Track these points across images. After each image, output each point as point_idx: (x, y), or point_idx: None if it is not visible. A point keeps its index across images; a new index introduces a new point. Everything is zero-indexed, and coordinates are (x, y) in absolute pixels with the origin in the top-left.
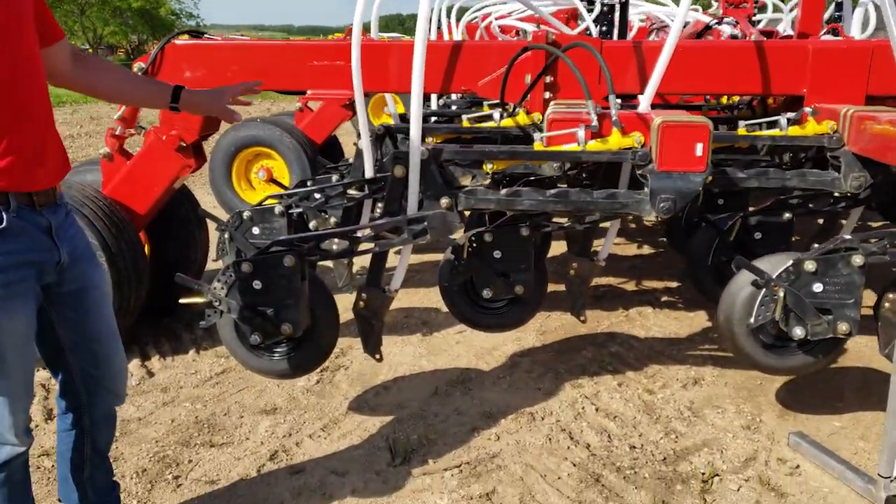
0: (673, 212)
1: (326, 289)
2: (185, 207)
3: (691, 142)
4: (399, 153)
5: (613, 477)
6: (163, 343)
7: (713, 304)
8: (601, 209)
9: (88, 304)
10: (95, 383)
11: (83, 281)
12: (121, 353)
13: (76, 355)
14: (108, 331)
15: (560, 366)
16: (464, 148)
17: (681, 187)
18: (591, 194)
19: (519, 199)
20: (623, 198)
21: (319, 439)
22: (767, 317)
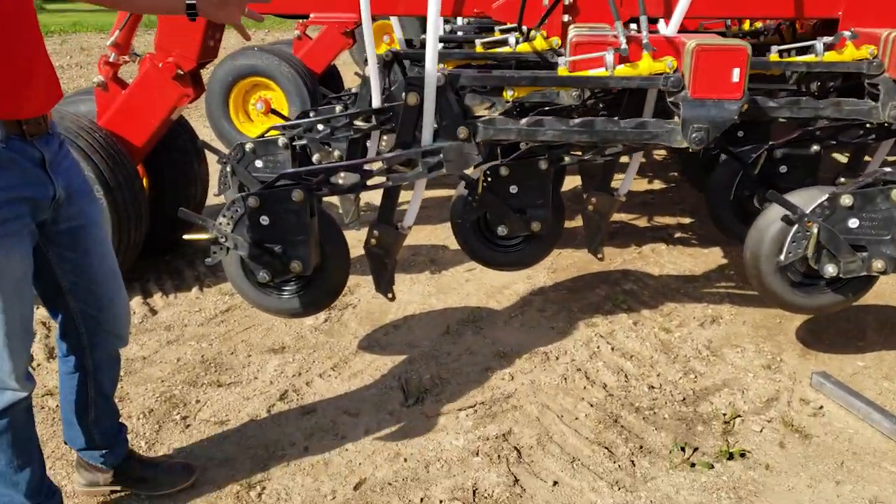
0: (706, 143)
1: (336, 224)
2: (183, 139)
3: (728, 67)
4: (413, 79)
5: (632, 417)
6: (165, 280)
7: (729, 241)
8: (629, 140)
9: (87, 243)
10: (97, 325)
11: (81, 218)
12: (123, 294)
13: (76, 297)
14: (109, 271)
15: (573, 304)
16: (483, 73)
17: (715, 116)
18: (618, 124)
19: (541, 129)
20: (653, 127)
21: (330, 379)
22: (798, 254)
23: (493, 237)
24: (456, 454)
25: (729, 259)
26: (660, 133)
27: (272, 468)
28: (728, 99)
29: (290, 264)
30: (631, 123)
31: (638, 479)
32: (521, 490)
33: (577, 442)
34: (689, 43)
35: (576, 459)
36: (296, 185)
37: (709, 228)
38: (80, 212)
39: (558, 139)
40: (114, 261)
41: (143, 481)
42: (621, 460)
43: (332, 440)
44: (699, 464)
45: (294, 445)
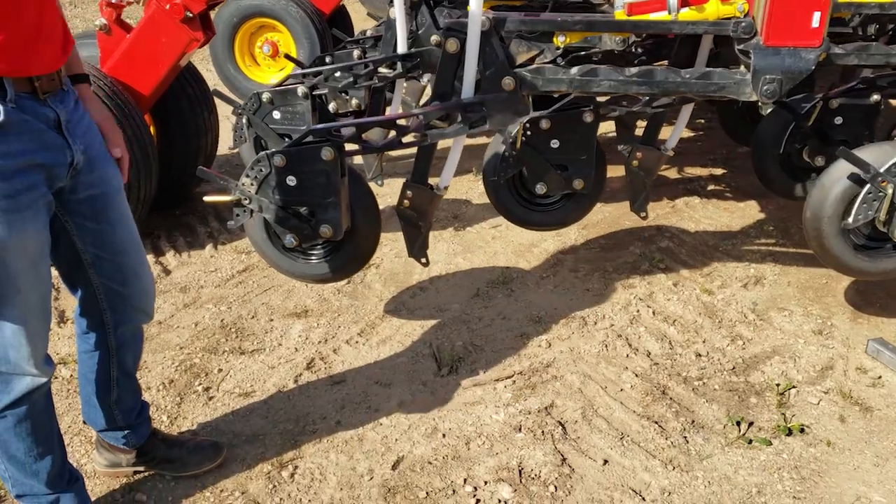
0: (778, 95)
1: (367, 185)
2: (192, 87)
3: (807, 10)
4: (454, 24)
5: (681, 389)
6: (176, 237)
7: (766, 194)
8: (693, 92)
9: (111, 213)
10: (122, 301)
11: (103, 185)
12: (147, 266)
13: (99, 271)
14: (133, 241)
15: (607, 264)
16: (530, 17)
17: (790, 66)
18: (680, 74)
19: (596, 79)
20: (719, 78)
21: (357, 345)
22: (869, 216)
23: (530, 196)
24: (497, 429)
25: (766, 214)
26: (727, 85)
27: (304, 445)
28: (806, 47)
29: (319, 229)
30: (695, 74)
31: (693, 458)
32: (570, 470)
33: (624, 416)
34: None
35: (625, 435)
36: (325, 142)
37: (742, 180)
38: (101, 178)
39: (614, 91)
40: (136, 230)
41: (168, 461)
42: (673, 436)
43: (364, 413)
44: (756, 440)
45: (325, 419)
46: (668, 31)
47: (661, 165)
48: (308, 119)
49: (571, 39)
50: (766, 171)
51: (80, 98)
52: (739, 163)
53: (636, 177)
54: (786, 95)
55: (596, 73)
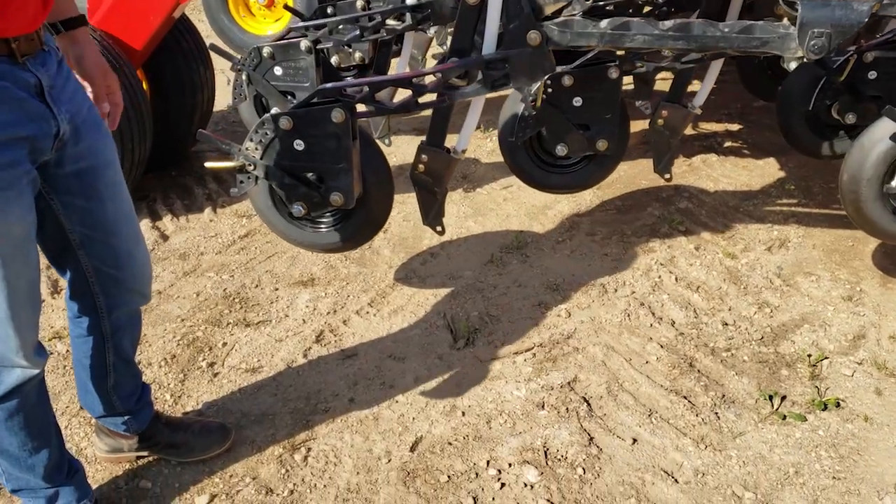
0: (826, 51)
1: (378, 148)
2: (187, 41)
3: None
4: None
5: (709, 361)
6: (173, 200)
7: (784, 151)
8: (733, 47)
9: (101, 189)
10: (116, 284)
11: (92, 157)
12: (142, 244)
13: (90, 252)
14: (126, 219)
15: (625, 227)
16: None
17: (840, 19)
18: (719, 28)
19: (629, 34)
20: (762, 32)
21: (368, 316)
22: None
23: (549, 157)
24: (519, 406)
25: (786, 172)
26: (771, 40)
27: (316, 425)
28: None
29: (329, 196)
30: (735, 28)
31: (725, 435)
32: (598, 450)
33: (651, 391)
34: None
35: (653, 412)
36: (336, 103)
37: (759, 136)
38: (90, 149)
39: (648, 46)
40: (131, 206)
41: (173, 446)
42: (703, 412)
43: (379, 390)
44: (791, 416)
45: (338, 397)
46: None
47: (688, 124)
48: (312, 75)
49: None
50: (791, 129)
51: (76, 44)
52: (756, 117)
53: (661, 136)
54: (834, 51)
55: (628, 26)
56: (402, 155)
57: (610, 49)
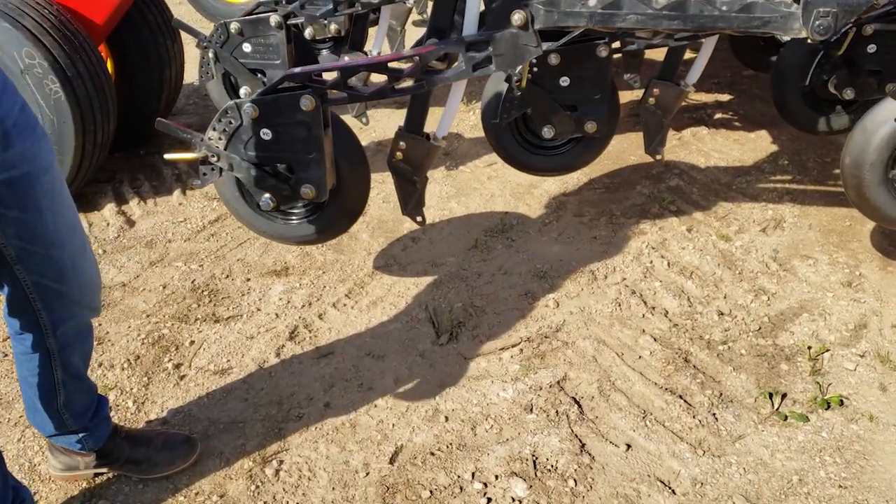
0: (833, 32)
1: (353, 134)
2: (153, 13)
3: None
4: None
5: (705, 355)
6: (141, 182)
7: (776, 123)
8: (732, 27)
9: (38, 197)
10: (60, 299)
11: (26, 164)
12: (88, 254)
13: (28, 267)
14: (68, 227)
15: (614, 206)
16: None
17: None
18: (717, 6)
19: (620, 13)
20: (762, 11)
21: (346, 309)
22: None
23: (535, 139)
24: (506, 410)
25: (779, 145)
26: (772, 19)
27: (289, 434)
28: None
29: (300, 189)
30: (734, 5)
31: (724, 439)
32: (590, 459)
33: (645, 389)
34: None
35: (647, 413)
36: (305, 89)
37: (750, 107)
38: (23, 155)
39: (641, 26)
40: (74, 212)
41: (134, 462)
42: (701, 413)
43: (356, 393)
44: (792, 416)
45: (312, 401)
46: None
47: (680, 103)
48: (283, 52)
49: None
50: (787, 105)
51: None
52: (745, 87)
53: (652, 116)
54: (840, 32)
55: (619, 5)
56: (382, 130)
57: (602, 29)
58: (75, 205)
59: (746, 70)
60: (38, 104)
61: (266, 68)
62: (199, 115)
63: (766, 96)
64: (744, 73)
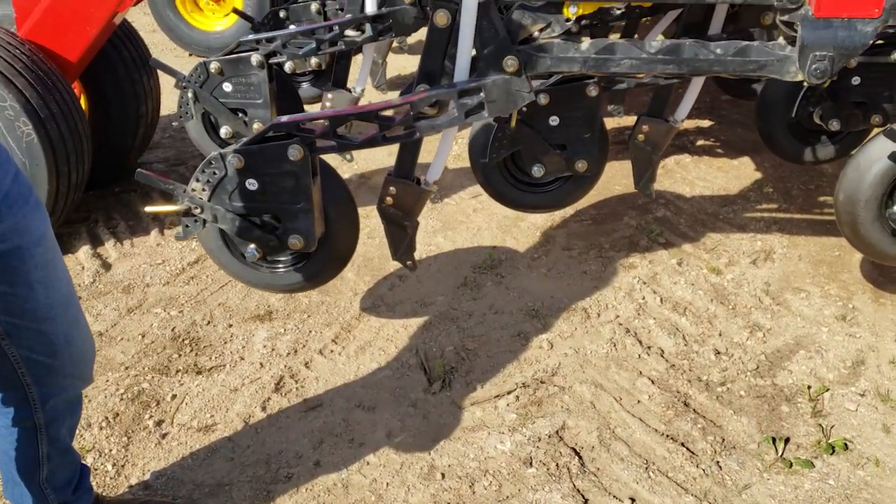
0: (829, 75)
1: (340, 178)
2: (128, 49)
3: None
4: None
5: (704, 398)
6: (116, 221)
7: (758, 149)
8: (728, 71)
9: (29, 272)
10: (51, 372)
11: (17, 237)
12: (81, 325)
13: (18, 342)
14: (61, 301)
15: (602, 239)
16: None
17: (844, 41)
18: (712, 50)
19: (614, 58)
20: (758, 55)
21: (333, 356)
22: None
23: (525, 177)
24: (504, 464)
25: (763, 172)
26: (768, 63)
27: (278, 496)
28: (863, 18)
29: (287, 239)
30: (730, 49)
31: (730, 489)
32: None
33: (646, 437)
34: None
35: (650, 464)
36: (293, 138)
37: (731, 133)
38: (14, 229)
39: (636, 71)
40: (68, 284)
41: None
42: (704, 462)
43: (347, 449)
44: (797, 462)
45: (302, 459)
46: (702, 0)
47: (669, 139)
48: (265, 91)
49: (584, 10)
50: (773, 135)
51: None
52: (725, 112)
53: (641, 152)
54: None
55: (613, 49)
56: (364, 162)
57: (596, 74)
58: None
59: (725, 95)
60: (10, 147)
61: (247, 107)
62: (175, 149)
63: (747, 122)
64: (723, 97)
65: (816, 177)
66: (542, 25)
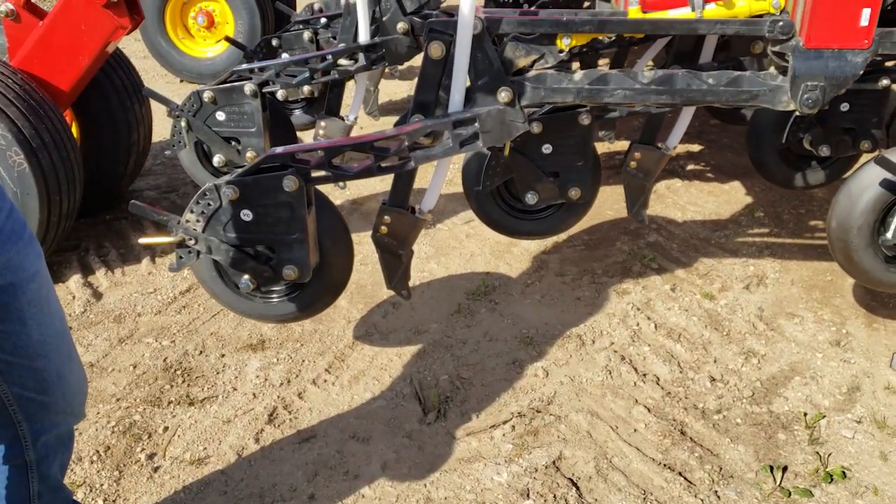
0: (820, 105)
1: (334, 207)
2: (120, 77)
3: (856, 7)
4: (436, 25)
5: (700, 426)
6: (107, 249)
7: (748, 174)
8: (721, 101)
9: (21, 308)
10: (44, 409)
11: (10, 274)
12: (76, 360)
13: (9, 379)
14: (54, 337)
15: (595, 265)
16: (530, 17)
17: (835, 71)
18: (704, 80)
19: (607, 88)
20: (750, 85)
21: (326, 386)
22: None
23: (519, 204)
24: (501, 496)
25: (753, 197)
26: (760, 93)
27: None
28: (853, 49)
29: (282, 270)
30: (722, 80)
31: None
32: None
33: (643, 467)
34: None
35: (648, 493)
36: (288, 169)
37: (720, 157)
38: (7, 265)
39: (629, 101)
40: (62, 320)
41: None
42: (702, 492)
43: (341, 481)
44: (795, 491)
45: (296, 492)
46: (694, 31)
47: (662, 166)
48: (258, 120)
49: (577, 41)
50: (764, 161)
51: None
52: (714, 137)
53: (634, 179)
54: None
55: (606, 80)
56: (356, 188)
57: (590, 104)
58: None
59: (713, 119)
60: (1, 176)
61: (241, 136)
62: (167, 176)
63: (736, 146)
64: (711, 122)
65: (807, 201)
66: (536, 57)
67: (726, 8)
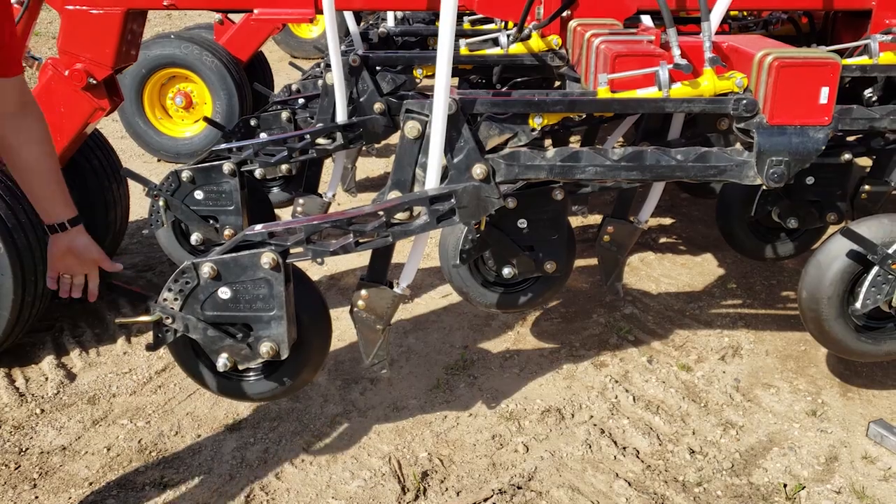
0: (786, 179)
1: (312, 283)
2: (98, 158)
3: (815, 86)
4: (412, 106)
5: (682, 499)
6: (82, 329)
7: (720, 245)
8: (690, 176)
9: None
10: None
11: None
12: None
13: None
14: None
15: (573, 337)
16: (503, 97)
17: (798, 147)
18: (673, 157)
19: (578, 165)
20: (717, 160)
21: (304, 465)
22: (879, 300)
23: (496, 278)
24: None
25: (725, 268)
26: (728, 168)
27: None
28: (814, 125)
29: (259, 348)
30: (690, 156)
31: None
32: None
33: None
34: (766, 56)
35: None
36: (265, 246)
37: (691, 229)
38: None
39: (600, 178)
40: None
41: None
42: None
43: None
44: None
45: None
46: (661, 109)
47: (635, 240)
48: (236, 199)
49: (549, 120)
50: (733, 233)
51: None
52: (685, 210)
53: (608, 252)
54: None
55: (578, 157)
56: (334, 263)
57: (562, 180)
58: (10, 358)
59: (683, 193)
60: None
61: (219, 214)
62: (144, 255)
63: (707, 219)
64: (681, 195)
65: (778, 272)
66: (510, 135)
67: (692, 87)
